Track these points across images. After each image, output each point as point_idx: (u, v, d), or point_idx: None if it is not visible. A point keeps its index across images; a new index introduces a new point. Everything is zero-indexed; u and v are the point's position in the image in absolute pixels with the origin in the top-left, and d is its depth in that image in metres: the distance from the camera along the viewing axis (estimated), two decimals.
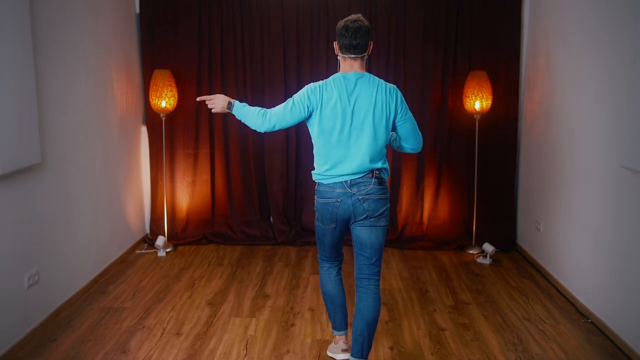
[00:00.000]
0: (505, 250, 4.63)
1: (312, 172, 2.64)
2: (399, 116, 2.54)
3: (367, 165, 2.51)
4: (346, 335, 2.89)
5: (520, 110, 4.65)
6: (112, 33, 4.21)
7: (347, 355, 2.81)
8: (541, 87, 4.21)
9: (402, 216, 4.83)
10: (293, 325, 3.28)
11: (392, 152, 4.74)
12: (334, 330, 2.88)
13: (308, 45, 4.66)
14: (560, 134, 3.85)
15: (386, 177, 2.61)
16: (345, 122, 2.49)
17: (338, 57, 2.58)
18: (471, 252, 4.60)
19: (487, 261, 4.36)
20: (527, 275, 4.11)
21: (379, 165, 2.55)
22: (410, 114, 2.59)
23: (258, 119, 2.61)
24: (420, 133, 2.66)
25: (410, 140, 2.63)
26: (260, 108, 2.64)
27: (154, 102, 4.46)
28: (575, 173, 3.62)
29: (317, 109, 2.51)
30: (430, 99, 4.65)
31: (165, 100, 4.43)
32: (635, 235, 2.89)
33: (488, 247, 4.37)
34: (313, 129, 2.57)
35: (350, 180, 2.52)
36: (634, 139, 2.81)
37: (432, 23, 4.57)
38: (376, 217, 2.54)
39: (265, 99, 4.70)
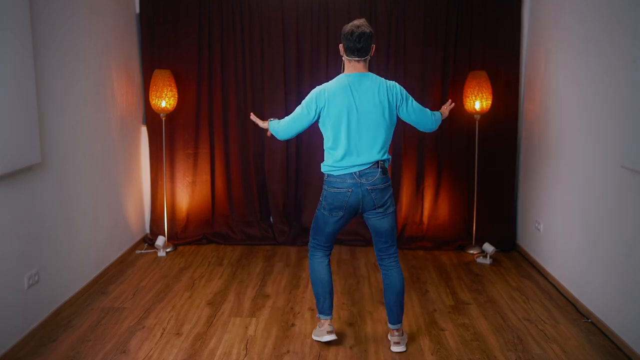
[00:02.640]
0: (505, 250, 4.63)
1: (322, 164, 2.91)
2: (401, 108, 2.83)
3: (374, 157, 2.79)
4: (331, 319, 3.05)
5: (520, 110, 4.65)
6: (112, 33, 4.21)
7: (332, 337, 2.99)
8: (541, 87, 4.21)
9: (402, 216, 4.83)
10: (293, 325, 3.28)
11: (392, 152, 4.75)
12: (320, 315, 3.04)
13: (308, 45, 4.66)
14: (560, 133, 3.85)
15: (387, 165, 2.88)
16: (351, 118, 2.76)
17: (343, 59, 2.84)
18: (471, 252, 4.60)
19: (487, 261, 4.36)
20: (527, 275, 4.11)
21: (384, 156, 2.83)
22: (414, 103, 2.87)
23: (277, 129, 2.97)
24: (430, 114, 2.94)
25: (420, 124, 2.93)
26: (280, 120, 3.00)
27: (154, 102, 4.46)
28: (575, 173, 3.62)
29: (324, 109, 2.79)
30: (430, 99, 4.65)
31: (165, 100, 4.43)
32: (635, 235, 2.89)
33: (488, 247, 4.37)
34: (324, 126, 2.85)
35: (359, 171, 2.79)
36: (634, 139, 2.81)
37: (432, 23, 4.57)
38: (383, 205, 2.86)
39: (266, 98, 4.70)
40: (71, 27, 3.58)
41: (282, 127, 2.94)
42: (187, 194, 4.84)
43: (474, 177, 4.65)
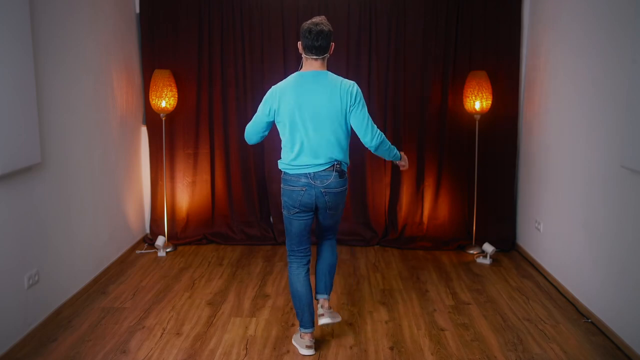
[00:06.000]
0: (505, 250, 4.63)
1: (278, 161, 2.86)
2: (351, 109, 2.72)
3: (329, 159, 2.74)
4: (312, 333, 2.96)
5: (520, 110, 4.65)
6: (112, 33, 4.21)
7: (311, 352, 2.92)
8: (541, 87, 4.21)
9: (402, 216, 4.83)
10: (293, 325, 3.28)
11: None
12: (301, 328, 2.97)
13: None
14: (560, 133, 3.85)
15: (345, 168, 2.84)
16: (303, 117, 2.70)
17: (302, 56, 2.78)
18: (471, 252, 4.60)
19: (487, 261, 4.36)
20: (527, 275, 4.11)
21: (339, 157, 2.77)
22: (364, 109, 2.74)
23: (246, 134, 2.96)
24: (371, 130, 2.75)
25: (360, 133, 2.77)
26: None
27: (154, 102, 4.46)
28: (575, 173, 3.62)
29: (277, 108, 2.75)
30: (430, 99, 4.65)
31: (165, 100, 4.43)
32: (635, 235, 2.89)
33: (488, 247, 4.37)
34: (278, 125, 2.82)
35: (314, 172, 2.75)
36: (633, 139, 2.81)
37: (432, 23, 4.57)
38: (335, 208, 2.86)
39: None
40: (71, 27, 3.58)
41: (247, 133, 2.92)
42: (187, 194, 4.84)
43: (474, 177, 4.65)
